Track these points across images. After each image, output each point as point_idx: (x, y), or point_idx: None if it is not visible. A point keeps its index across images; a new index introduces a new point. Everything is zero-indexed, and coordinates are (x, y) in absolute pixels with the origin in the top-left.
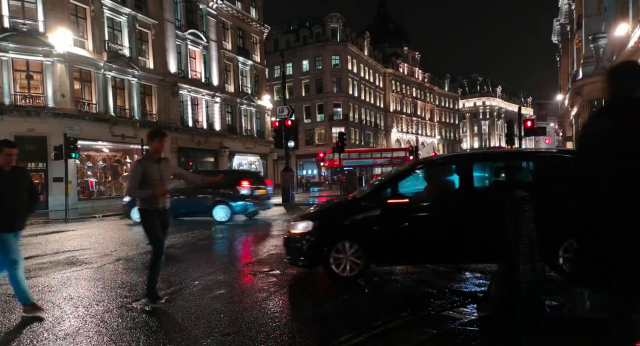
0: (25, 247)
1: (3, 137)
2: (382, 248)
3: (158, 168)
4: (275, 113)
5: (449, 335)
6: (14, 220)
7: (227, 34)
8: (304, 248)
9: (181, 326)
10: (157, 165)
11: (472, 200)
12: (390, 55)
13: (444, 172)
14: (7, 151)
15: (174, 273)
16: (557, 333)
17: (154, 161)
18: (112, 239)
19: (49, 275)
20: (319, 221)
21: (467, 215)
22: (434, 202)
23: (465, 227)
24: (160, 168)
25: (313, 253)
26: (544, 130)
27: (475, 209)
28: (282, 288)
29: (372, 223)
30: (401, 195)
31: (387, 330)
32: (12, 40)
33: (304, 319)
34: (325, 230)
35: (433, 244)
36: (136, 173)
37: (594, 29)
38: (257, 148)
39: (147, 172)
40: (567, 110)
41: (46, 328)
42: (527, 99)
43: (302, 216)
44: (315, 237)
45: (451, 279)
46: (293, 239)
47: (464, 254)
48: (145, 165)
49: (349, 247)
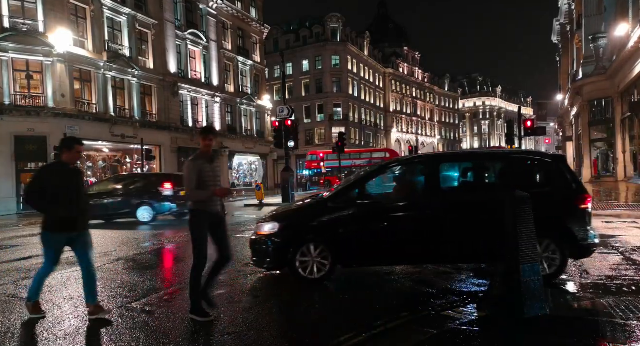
0: (25, 247)
1: (2, 137)
2: (349, 249)
3: (212, 167)
4: (275, 113)
5: (449, 335)
6: (75, 220)
7: (227, 34)
8: (269, 250)
9: (181, 326)
10: (210, 164)
11: (439, 200)
12: (390, 55)
13: (412, 173)
14: (77, 148)
15: (174, 272)
16: (557, 333)
17: (207, 160)
18: (112, 239)
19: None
20: (286, 222)
21: (434, 216)
22: (402, 202)
23: (433, 227)
24: (214, 166)
25: (279, 255)
26: (544, 130)
27: (443, 209)
28: (282, 288)
29: (339, 224)
30: (369, 195)
31: (387, 330)
32: (12, 40)
33: (304, 319)
34: (291, 231)
35: (400, 245)
36: (193, 173)
37: (594, 29)
38: (257, 148)
39: (202, 171)
40: (567, 110)
41: (46, 328)
42: (527, 99)
43: (269, 217)
44: (281, 239)
45: (451, 279)
46: (259, 241)
47: (432, 255)
48: (200, 164)
49: (315, 248)
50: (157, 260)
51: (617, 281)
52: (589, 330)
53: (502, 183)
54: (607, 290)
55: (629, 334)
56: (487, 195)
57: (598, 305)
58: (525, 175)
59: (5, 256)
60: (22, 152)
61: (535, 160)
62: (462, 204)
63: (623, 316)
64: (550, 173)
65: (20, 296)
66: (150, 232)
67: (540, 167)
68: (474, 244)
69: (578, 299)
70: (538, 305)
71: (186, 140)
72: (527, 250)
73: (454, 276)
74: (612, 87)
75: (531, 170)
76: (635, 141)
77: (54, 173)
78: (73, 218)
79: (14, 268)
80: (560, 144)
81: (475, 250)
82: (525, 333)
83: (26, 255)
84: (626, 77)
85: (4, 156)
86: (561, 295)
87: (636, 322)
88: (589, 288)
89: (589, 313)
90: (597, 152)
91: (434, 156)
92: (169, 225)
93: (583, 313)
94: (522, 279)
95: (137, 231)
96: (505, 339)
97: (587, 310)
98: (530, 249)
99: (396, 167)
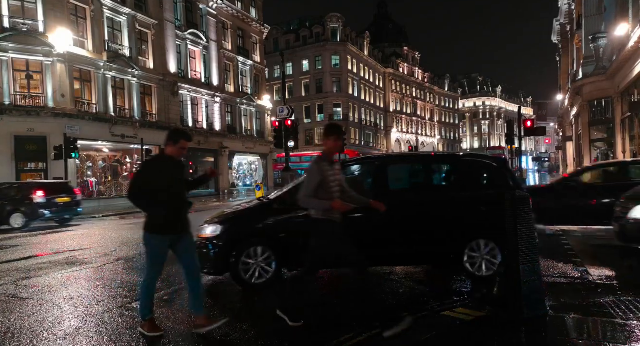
0: (25, 246)
1: (2, 137)
2: (294, 252)
3: (335, 173)
4: (275, 113)
5: (449, 335)
6: (178, 220)
7: (227, 33)
8: (210, 254)
9: (181, 326)
10: (332, 169)
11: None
12: (390, 55)
13: (360, 174)
14: (182, 144)
15: (174, 273)
16: (557, 333)
17: (330, 163)
18: (112, 239)
19: (49, 275)
20: (228, 225)
21: (382, 217)
22: None
23: (381, 228)
24: (337, 172)
25: (220, 259)
26: (544, 130)
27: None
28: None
29: (284, 227)
30: None
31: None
32: (12, 40)
33: (304, 319)
34: (233, 234)
35: None
36: (314, 177)
37: (594, 28)
38: (257, 148)
39: (325, 177)
40: (567, 110)
41: (46, 328)
42: (527, 99)
43: (212, 219)
44: (223, 242)
45: (451, 279)
46: (200, 244)
47: (381, 257)
48: (324, 168)
49: (261, 252)
50: None
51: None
52: (589, 329)
53: (450, 184)
54: (608, 290)
55: (628, 334)
56: (436, 196)
57: (598, 304)
58: (471, 177)
59: (5, 256)
60: (22, 152)
61: (481, 163)
62: (411, 204)
63: (623, 316)
64: (493, 175)
65: (20, 296)
66: None
67: (485, 169)
68: (424, 245)
69: (578, 299)
70: (538, 305)
71: None
72: (527, 250)
73: (453, 276)
74: (612, 87)
75: (477, 173)
76: (635, 141)
77: (156, 168)
78: (174, 219)
79: (13, 268)
80: (560, 144)
81: (425, 252)
82: (525, 333)
83: (26, 255)
84: (626, 77)
85: (4, 156)
86: (561, 295)
87: (636, 322)
88: (590, 288)
89: (589, 313)
90: (597, 152)
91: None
92: None
93: (583, 312)
94: (522, 279)
95: (137, 231)
96: (506, 339)
97: (588, 310)
98: (530, 249)
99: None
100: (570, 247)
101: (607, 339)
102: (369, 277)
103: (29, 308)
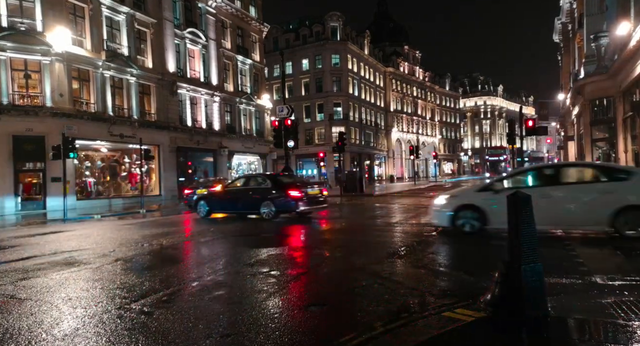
0: (23, 247)
1: (0, 137)
2: None
3: None
4: (275, 113)
5: (449, 335)
6: None
7: (227, 32)
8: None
9: (180, 327)
10: None
11: None
12: (391, 54)
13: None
14: None
15: (172, 273)
16: (558, 333)
17: None
18: (111, 239)
19: (47, 275)
20: None
21: None
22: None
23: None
24: None
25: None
26: (546, 129)
27: None
28: (282, 288)
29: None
30: None
31: (387, 330)
32: (10, 39)
33: (304, 320)
34: None
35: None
36: None
37: (595, 27)
38: (256, 147)
39: None
40: (569, 110)
41: (44, 328)
42: (528, 98)
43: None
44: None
45: (451, 279)
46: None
47: None
48: None
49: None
50: (155, 260)
51: None
52: (591, 330)
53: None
54: (610, 291)
55: (630, 335)
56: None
57: (599, 305)
58: None
59: (3, 256)
60: (20, 152)
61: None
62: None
63: (625, 317)
64: None
65: (18, 297)
66: (149, 233)
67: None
68: None
69: (580, 299)
70: (539, 305)
71: (185, 140)
72: (529, 250)
73: (453, 276)
74: (613, 86)
75: None
76: (637, 141)
77: None
78: None
79: (12, 269)
80: (562, 144)
81: None
82: (526, 334)
83: (25, 256)
84: (628, 77)
85: (2, 156)
86: (563, 296)
87: (638, 323)
88: (592, 288)
89: (590, 314)
90: (598, 151)
91: None
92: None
93: (584, 313)
94: (523, 280)
95: (136, 232)
96: (507, 340)
97: (589, 310)
98: (531, 250)
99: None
100: (572, 247)
101: (608, 340)
102: None
103: (28, 308)
